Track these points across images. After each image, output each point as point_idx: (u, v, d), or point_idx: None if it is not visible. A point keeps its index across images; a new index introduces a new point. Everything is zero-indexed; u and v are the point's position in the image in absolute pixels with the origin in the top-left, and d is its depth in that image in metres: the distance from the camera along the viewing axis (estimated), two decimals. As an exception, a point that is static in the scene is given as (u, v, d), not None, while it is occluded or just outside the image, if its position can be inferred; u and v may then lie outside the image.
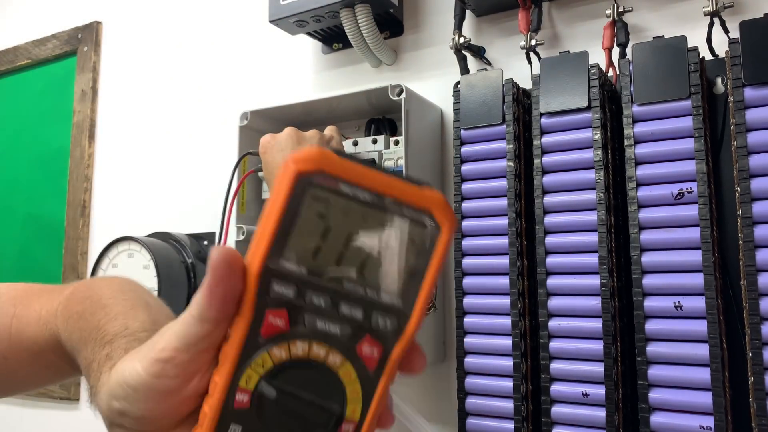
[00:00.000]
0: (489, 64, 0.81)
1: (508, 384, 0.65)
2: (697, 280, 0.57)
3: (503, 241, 0.67)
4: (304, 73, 0.97)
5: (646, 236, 0.59)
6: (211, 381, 0.29)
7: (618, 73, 0.68)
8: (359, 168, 0.28)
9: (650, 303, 0.58)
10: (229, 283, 0.28)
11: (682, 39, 0.60)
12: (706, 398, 0.55)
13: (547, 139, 0.65)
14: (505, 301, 0.66)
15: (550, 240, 0.64)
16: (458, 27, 0.78)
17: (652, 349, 0.58)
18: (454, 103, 0.72)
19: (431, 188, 0.29)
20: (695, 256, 0.57)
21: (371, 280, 0.29)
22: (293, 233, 0.28)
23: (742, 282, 0.55)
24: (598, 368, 0.60)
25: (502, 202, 0.67)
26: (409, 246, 0.29)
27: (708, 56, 0.65)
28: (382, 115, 0.83)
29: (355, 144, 0.79)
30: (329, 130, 0.77)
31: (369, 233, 0.29)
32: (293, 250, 0.29)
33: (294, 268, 0.29)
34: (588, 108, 0.63)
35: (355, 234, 0.29)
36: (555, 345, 0.63)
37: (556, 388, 0.62)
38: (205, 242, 0.98)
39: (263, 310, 0.28)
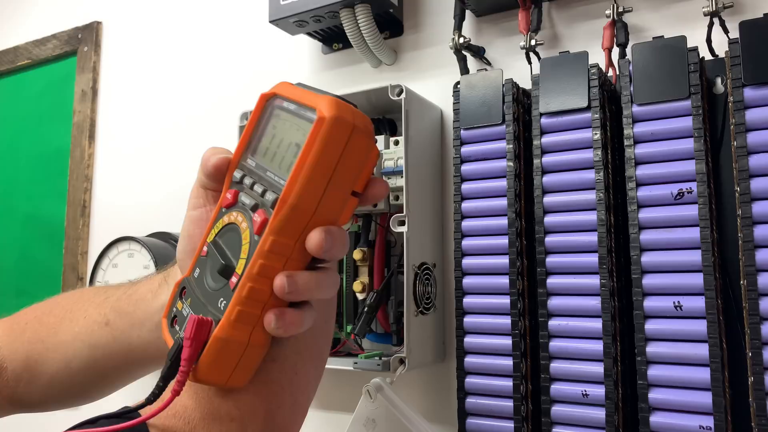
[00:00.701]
0: (489, 64, 0.81)
1: (508, 384, 0.65)
2: (696, 280, 0.57)
3: (503, 240, 0.67)
4: (304, 73, 0.97)
5: (646, 236, 0.59)
6: None
7: (618, 73, 0.68)
8: (301, 91, 0.38)
9: (650, 303, 0.58)
10: (215, 157, 0.42)
11: (682, 39, 0.60)
12: (705, 398, 0.55)
13: (547, 139, 0.65)
14: (504, 301, 0.66)
15: (550, 240, 0.64)
16: (458, 27, 0.78)
17: (652, 349, 0.58)
18: (454, 103, 0.72)
19: (332, 95, 0.37)
20: (695, 256, 0.57)
21: (274, 166, 0.38)
22: (255, 139, 0.41)
23: (741, 282, 0.55)
24: (598, 368, 0.60)
25: (502, 202, 0.67)
26: (300, 137, 0.37)
27: (708, 56, 0.65)
28: (381, 115, 0.83)
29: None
30: None
31: (286, 132, 0.38)
32: (253, 150, 0.41)
33: (250, 162, 0.40)
34: (588, 108, 0.63)
35: (281, 134, 0.39)
36: (555, 345, 0.63)
37: (556, 387, 0.62)
38: (205, 242, 0.98)
39: (228, 189, 0.41)
